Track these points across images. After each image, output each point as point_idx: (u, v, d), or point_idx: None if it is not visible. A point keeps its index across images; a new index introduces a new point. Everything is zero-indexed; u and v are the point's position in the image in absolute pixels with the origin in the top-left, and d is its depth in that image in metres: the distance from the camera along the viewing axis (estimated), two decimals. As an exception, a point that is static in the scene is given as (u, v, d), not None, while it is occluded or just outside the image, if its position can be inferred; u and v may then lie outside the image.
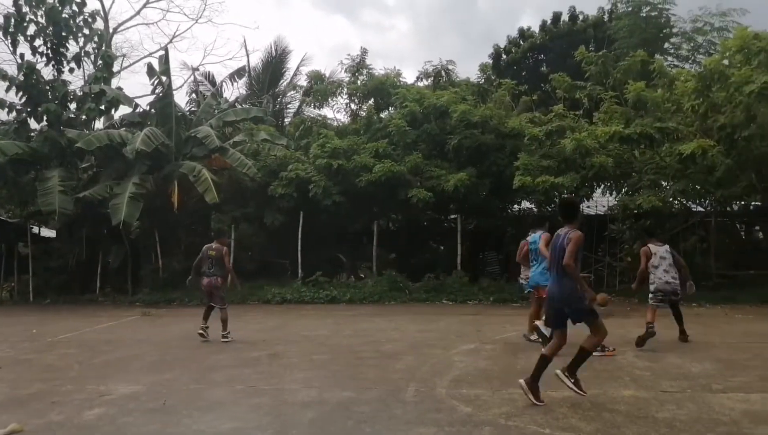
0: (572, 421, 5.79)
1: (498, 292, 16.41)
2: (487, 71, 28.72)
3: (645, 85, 15.94)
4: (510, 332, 11.16)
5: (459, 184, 16.52)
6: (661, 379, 7.41)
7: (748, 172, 15.44)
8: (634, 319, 12.79)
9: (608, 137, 14.95)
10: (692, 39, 23.07)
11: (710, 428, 5.51)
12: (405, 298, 16.54)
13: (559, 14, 32.00)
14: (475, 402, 6.48)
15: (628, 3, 24.57)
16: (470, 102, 18.67)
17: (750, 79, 13.54)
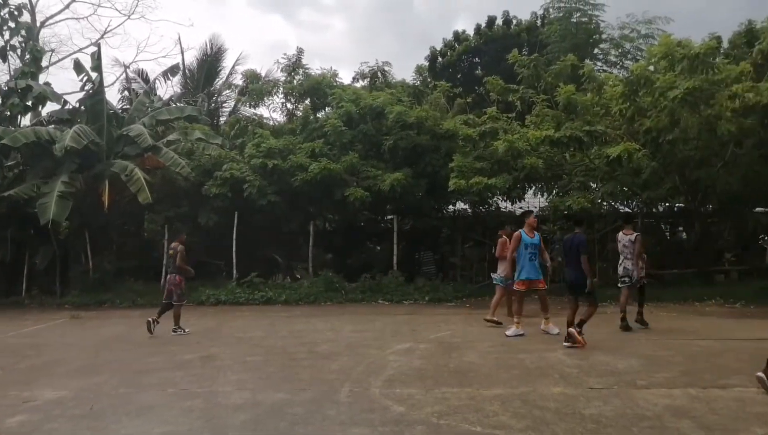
0: (503, 419, 5.91)
1: (433, 291, 16.57)
2: (423, 73, 28.98)
3: (575, 89, 16.39)
4: (444, 331, 11.30)
5: (395, 183, 16.62)
6: (588, 376, 7.62)
7: (673, 175, 16.05)
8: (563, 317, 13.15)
9: (539, 141, 15.29)
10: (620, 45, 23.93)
11: (634, 423, 5.70)
12: (341, 299, 16.52)
13: (494, 18, 32.62)
14: (408, 401, 6.54)
15: (559, 9, 25.26)
16: (406, 103, 18.81)
17: (674, 84, 14.06)
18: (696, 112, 14.44)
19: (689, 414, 5.94)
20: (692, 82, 13.65)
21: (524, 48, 27.77)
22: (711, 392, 6.73)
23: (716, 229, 17.39)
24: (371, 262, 18.85)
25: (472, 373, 7.87)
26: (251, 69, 23.81)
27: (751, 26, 17.77)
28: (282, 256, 20.04)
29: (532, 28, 30.55)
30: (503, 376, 7.66)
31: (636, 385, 7.13)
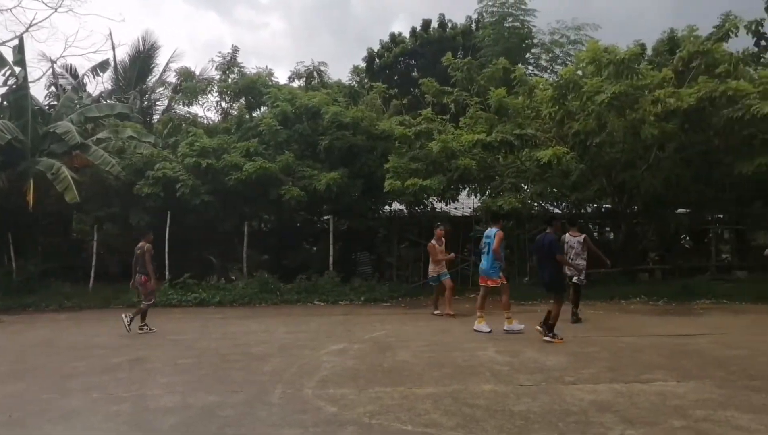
0: (434, 417, 5.99)
1: (369, 291, 16.61)
2: (360, 74, 29.04)
3: (507, 92, 16.74)
4: (379, 331, 11.35)
5: (331, 183, 16.59)
6: (519, 373, 7.80)
7: (600, 177, 16.59)
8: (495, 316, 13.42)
9: (472, 144, 15.54)
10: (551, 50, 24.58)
11: (561, 418, 5.87)
12: (276, 300, 16.37)
13: (429, 21, 32.97)
14: (341, 401, 6.56)
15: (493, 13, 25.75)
16: (342, 103, 18.81)
17: (601, 89, 14.54)
18: (622, 116, 14.96)
19: (612, 408, 6.16)
20: (618, 87, 14.14)
21: (459, 51, 28.18)
22: (634, 387, 6.99)
23: (641, 229, 18.03)
24: (307, 263, 18.76)
25: (405, 372, 7.94)
26: (185, 67, 23.39)
27: (672, 35, 18.56)
28: (216, 256, 19.72)
29: (467, 32, 31.01)
30: (435, 374, 7.76)
31: (564, 381, 7.33)
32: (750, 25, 17.21)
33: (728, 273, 18.13)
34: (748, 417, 5.81)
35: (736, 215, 18.77)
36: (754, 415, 5.87)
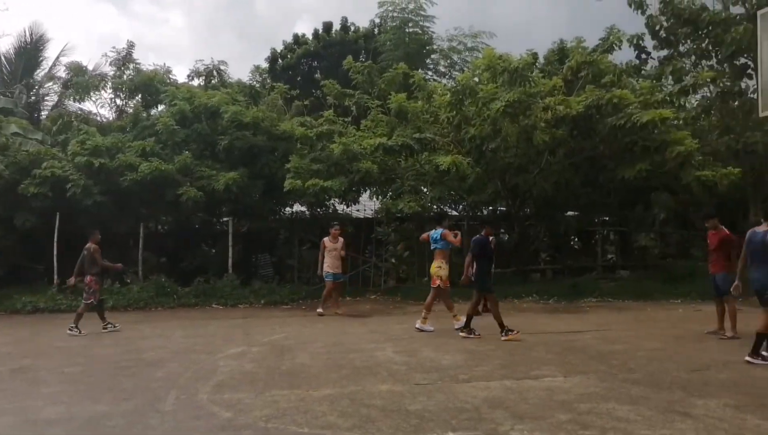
0: (330, 419, 6.00)
1: (270, 294, 16.43)
2: (262, 74, 28.70)
3: (407, 96, 17.03)
4: (279, 334, 11.26)
5: (230, 183, 16.28)
6: (415, 372, 7.93)
7: (495, 180, 17.15)
8: (395, 316, 13.65)
9: (374, 148, 15.71)
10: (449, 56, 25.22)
11: (455, 416, 6.01)
12: (173, 304, 15.90)
13: (330, 24, 33.04)
14: (236, 406, 6.46)
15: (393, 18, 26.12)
16: (242, 103, 18.52)
17: (495, 96, 15.06)
18: (515, 122, 15.53)
19: (504, 404, 6.35)
20: (512, 95, 14.68)
21: (362, 54, 28.42)
22: (524, 383, 7.25)
23: (533, 231, 18.79)
24: (206, 265, 18.32)
25: (303, 374, 7.92)
26: (76, 61, 22.29)
27: (562, 45, 19.47)
28: (110, 259, 18.84)
29: (369, 36, 31.29)
30: (333, 376, 7.78)
31: (458, 379, 7.50)
32: (632, 39, 18.35)
33: (613, 272, 19.19)
34: (627, 408, 6.15)
35: (620, 218, 19.92)
36: (633, 406, 6.23)
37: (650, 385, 7.09)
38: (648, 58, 19.03)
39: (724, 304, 10.34)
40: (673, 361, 8.38)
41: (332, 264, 13.99)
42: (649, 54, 18.94)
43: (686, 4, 17.33)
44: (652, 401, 6.40)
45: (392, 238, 18.52)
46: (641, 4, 17.65)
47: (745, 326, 10.73)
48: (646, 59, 19.02)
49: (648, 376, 7.51)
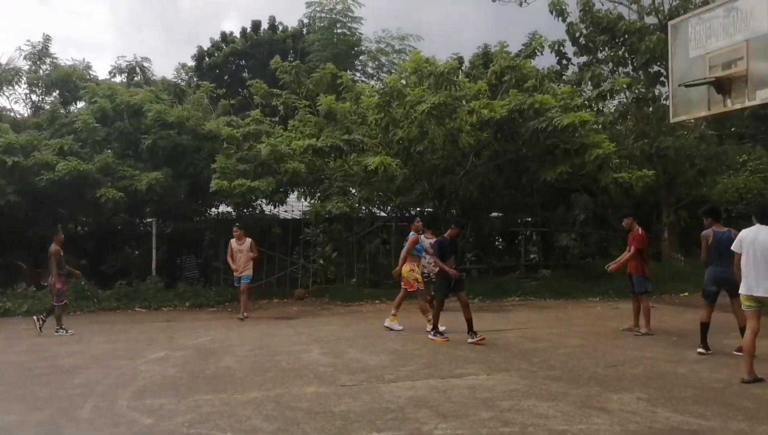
0: (255, 423, 5.94)
1: (195, 296, 16.11)
2: (188, 72, 28.09)
3: (335, 97, 17.02)
4: (204, 337, 11.06)
5: (153, 183, 15.80)
6: (341, 373, 7.95)
7: (422, 182, 17.33)
8: (323, 318, 13.63)
9: (303, 150, 15.60)
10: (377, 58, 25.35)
11: (380, 416, 6.06)
12: (93, 307, 15.35)
13: (259, 22, 32.68)
14: (158, 412, 6.32)
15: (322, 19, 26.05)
16: (167, 102, 18.05)
17: (422, 99, 15.22)
18: (441, 125, 15.77)
19: (428, 404, 6.44)
20: (437, 98, 14.87)
21: (290, 54, 28.22)
22: (448, 382, 7.37)
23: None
24: (129, 268, 17.81)
25: (228, 378, 7.82)
26: (-15, 54, 21.22)
27: (487, 49, 19.88)
28: (26, 262, 18.08)
29: (297, 36, 31.10)
30: (259, 379, 7.71)
31: (384, 379, 7.56)
32: (553, 45, 18.98)
33: (535, 272, 19.73)
34: (546, 404, 6.35)
35: (542, 218, 20.52)
36: (552, 402, 6.43)
37: (569, 381, 7.35)
38: (569, 64, 19.75)
39: (639, 302, 10.78)
40: (591, 358, 8.69)
41: (240, 266, 13.73)
42: (569, 60, 19.66)
43: (604, 13, 18.07)
44: (571, 397, 6.63)
45: (320, 239, 18.47)
46: (562, 12, 18.27)
47: (659, 323, 11.32)
48: (566, 65, 19.72)
49: (567, 373, 7.77)
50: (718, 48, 9.89)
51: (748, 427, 5.58)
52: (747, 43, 9.37)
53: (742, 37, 9.46)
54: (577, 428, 5.63)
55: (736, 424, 5.62)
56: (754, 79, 9.28)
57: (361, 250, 18.12)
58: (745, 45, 9.38)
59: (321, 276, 18.11)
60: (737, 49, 9.49)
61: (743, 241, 7.32)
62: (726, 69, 9.66)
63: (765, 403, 6.30)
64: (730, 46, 9.64)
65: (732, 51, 9.58)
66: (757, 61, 9.25)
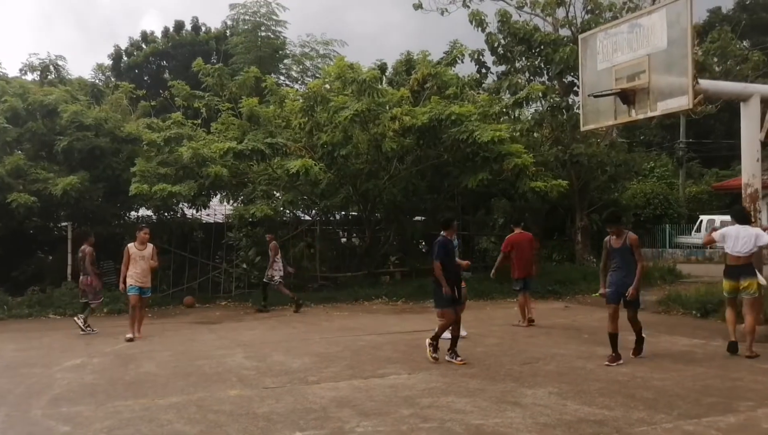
0: (177, 426, 5.95)
1: (113, 302, 15.53)
2: (105, 72, 27.31)
3: (259, 101, 16.94)
4: (123, 343, 10.83)
5: (69, 188, 15.31)
6: (265, 376, 8.01)
7: (346, 186, 17.47)
8: (246, 322, 13.56)
9: (223, 153, 15.44)
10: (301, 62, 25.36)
11: (303, 416, 6.18)
12: (2, 315, 14.67)
13: (182, 23, 32.18)
14: (75, 419, 6.21)
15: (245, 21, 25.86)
16: (83, 102, 17.51)
17: (346, 105, 15.37)
18: (365, 130, 15.98)
19: (351, 403, 6.60)
20: (360, 105, 15.07)
21: (213, 56, 27.87)
22: (371, 382, 7.56)
23: (383, 235, 19.33)
24: (42, 273, 17.15)
25: (148, 383, 7.74)
26: None
27: (409, 56, 20.30)
28: None
29: (221, 37, 30.78)
30: (180, 383, 7.67)
31: (307, 381, 7.67)
32: (473, 53, 19.56)
33: (457, 274, 20.15)
34: (465, 401, 6.62)
35: (463, 222, 21.02)
36: (470, 398, 6.71)
37: (486, 378, 7.67)
38: (488, 73, 20.38)
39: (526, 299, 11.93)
40: (507, 356, 9.07)
41: (138, 275, 11.41)
42: (488, 69, 20.30)
43: (521, 24, 18.74)
44: (488, 393, 6.94)
45: (244, 243, 18.31)
46: (481, 22, 18.84)
47: (572, 322, 11.87)
48: (486, 73, 20.35)
49: (485, 370, 8.10)
50: (623, 61, 10.53)
51: (648, 416, 6.01)
52: (649, 58, 10.03)
53: (645, 51, 10.12)
54: (492, 422, 5.91)
55: (637, 414, 6.04)
56: (655, 91, 9.93)
57: (286, 254, 18.06)
58: (647, 59, 10.03)
59: (244, 280, 17.95)
60: (640, 62, 10.14)
61: (728, 236, 8.73)
62: (630, 81, 10.29)
63: (663, 394, 6.77)
64: (634, 60, 10.29)
65: (635, 64, 10.23)
66: (658, 74, 9.91)
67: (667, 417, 5.91)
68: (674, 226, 29.55)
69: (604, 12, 18.74)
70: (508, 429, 5.72)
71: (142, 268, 11.47)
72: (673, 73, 9.75)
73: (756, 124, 10.30)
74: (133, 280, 11.39)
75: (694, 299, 13.11)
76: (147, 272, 11.59)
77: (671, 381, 7.33)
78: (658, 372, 7.80)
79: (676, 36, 9.70)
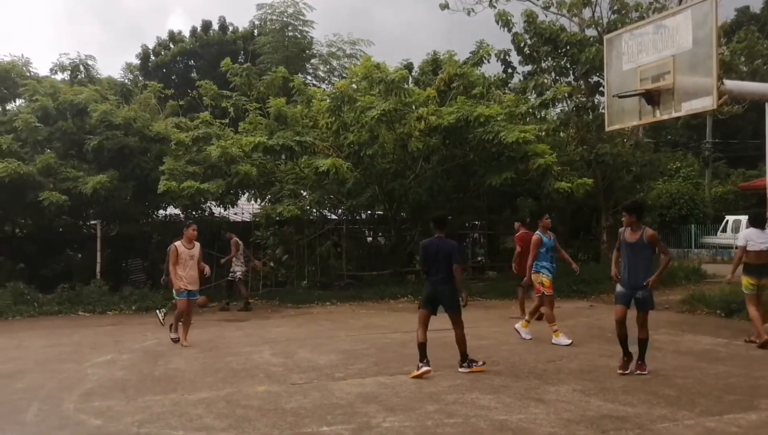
0: (206, 421, 6.03)
1: (141, 300, 15.85)
2: (134, 71, 27.66)
3: (286, 100, 17.06)
4: (151, 340, 10.98)
5: (98, 186, 15.53)
6: (292, 373, 8.08)
7: (372, 185, 17.53)
8: (273, 320, 13.67)
9: (253, 147, 15.60)
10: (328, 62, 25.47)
11: (330, 411, 6.23)
12: (33, 312, 14.94)
13: (209, 22, 32.45)
14: (106, 413, 6.32)
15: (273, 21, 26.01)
16: (113, 102, 17.76)
17: (373, 104, 15.42)
18: (392, 130, 16.02)
19: (377, 399, 6.65)
20: (387, 105, 15.12)
21: (240, 55, 28.10)
22: (397, 378, 7.59)
23: (408, 234, 19.37)
24: (71, 271, 17.44)
25: (177, 379, 7.84)
26: None
27: (436, 56, 20.27)
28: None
29: (248, 37, 30.99)
30: (209, 379, 7.76)
31: (334, 377, 7.73)
32: (499, 53, 19.50)
33: (482, 273, 20.15)
34: (489, 397, 6.64)
35: (488, 221, 20.98)
36: (494, 395, 6.73)
37: (511, 375, 7.68)
38: (514, 73, 20.29)
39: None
40: (531, 354, 9.06)
41: (189, 277, 10.35)
42: (514, 69, 20.21)
43: (547, 24, 18.62)
44: (512, 389, 6.95)
45: (271, 241, 18.46)
46: (508, 22, 18.75)
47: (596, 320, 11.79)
48: (512, 73, 20.27)
49: (509, 368, 8.11)
50: (648, 62, 10.49)
51: (670, 413, 5.99)
52: (674, 58, 9.97)
53: (670, 52, 10.06)
54: (516, 418, 5.92)
55: (659, 410, 6.02)
56: (680, 92, 9.87)
57: (312, 253, 18.18)
58: (672, 60, 9.97)
59: (271, 278, 18.09)
60: (665, 63, 10.08)
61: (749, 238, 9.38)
62: (655, 82, 10.23)
63: (686, 392, 6.73)
64: (659, 61, 10.24)
65: (660, 65, 10.18)
66: (682, 75, 9.84)
67: (689, 414, 5.87)
68: (700, 226, 29.18)
69: (631, 12, 18.53)
70: (532, 424, 5.73)
71: (192, 270, 10.35)
72: (698, 73, 9.68)
73: (781, 125, 10.17)
74: (183, 283, 10.20)
75: (718, 299, 13.04)
76: (197, 274, 10.48)
77: (693, 379, 7.28)
78: (681, 370, 7.78)
79: (701, 37, 9.63)
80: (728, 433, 5.46)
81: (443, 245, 7.96)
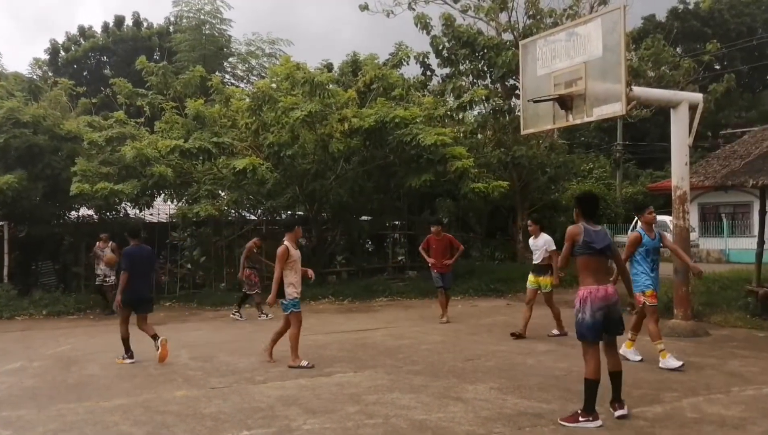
0: (123, 428, 5.94)
1: (53, 304, 15.26)
2: (42, 67, 26.51)
3: (204, 100, 16.79)
4: (64, 346, 10.63)
5: (5, 187, 14.86)
6: (211, 376, 8.03)
7: (293, 186, 17.47)
8: (191, 323, 13.47)
9: (169, 150, 15.28)
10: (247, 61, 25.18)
11: (250, 415, 6.25)
12: (-69, 319, 14.18)
13: (123, 18, 31.45)
14: (16, 423, 6.14)
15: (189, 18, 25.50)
16: (20, 98, 17.00)
17: (296, 105, 15.37)
18: (313, 131, 16.04)
19: (298, 402, 6.70)
20: (312, 106, 15.11)
21: (156, 52, 27.37)
22: (317, 380, 7.66)
23: (330, 235, 19.46)
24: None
25: (92, 386, 7.67)
26: None
27: (356, 57, 20.44)
28: None
29: (163, 34, 30.26)
30: (126, 385, 7.63)
31: (254, 381, 7.73)
32: (419, 56, 19.86)
33: (402, 272, 20.46)
34: (409, 397, 6.81)
35: (408, 222, 21.33)
36: (414, 394, 6.90)
37: (430, 374, 7.89)
38: (432, 75, 20.71)
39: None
40: (450, 353, 9.32)
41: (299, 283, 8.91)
42: (433, 71, 20.64)
43: (465, 27, 19.11)
44: (431, 389, 7.15)
45: (188, 243, 18.14)
46: (426, 25, 19.14)
47: (512, 319, 12.22)
48: (431, 76, 20.67)
49: (429, 367, 8.32)
50: (561, 68, 10.94)
51: (582, 408, 6.30)
52: (585, 65, 10.45)
53: (581, 59, 10.54)
54: (435, 417, 6.13)
55: (572, 406, 6.31)
56: (591, 98, 10.36)
57: (231, 254, 17.97)
58: (584, 66, 10.46)
59: (189, 281, 17.79)
60: (577, 69, 10.55)
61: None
62: (568, 87, 10.70)
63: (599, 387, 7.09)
64: (571, 67, 10.70)
65: (573, 71, 10.64)
66: (594, 81, 10.34)
67: (600, 409, 6.21)
68: (612, 225, 30.51)
69: (545, 18, 19.24)
70: (451, 423, 5.93)
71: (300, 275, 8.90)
72: (608, 80, 10.18)
73: (685, 130, 10.84)
74: (296, 290, 8.71)
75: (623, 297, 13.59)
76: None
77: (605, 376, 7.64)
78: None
79: (610, 45, 10.13)
80: (636, 426, 5.80)
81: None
